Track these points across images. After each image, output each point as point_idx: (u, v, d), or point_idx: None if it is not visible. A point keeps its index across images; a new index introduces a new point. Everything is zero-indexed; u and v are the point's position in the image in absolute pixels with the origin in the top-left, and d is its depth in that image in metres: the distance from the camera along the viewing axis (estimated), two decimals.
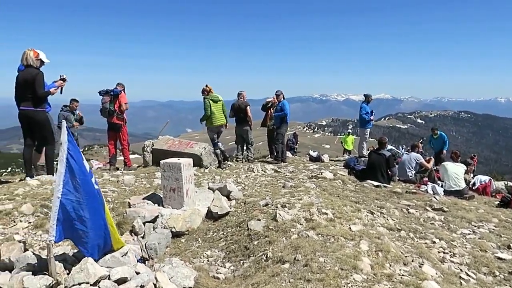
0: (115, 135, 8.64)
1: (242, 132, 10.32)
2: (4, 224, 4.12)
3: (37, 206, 4.50)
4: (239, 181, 6.81)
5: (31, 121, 5.88)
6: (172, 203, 5.04)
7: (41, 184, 5.54)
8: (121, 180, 6.22)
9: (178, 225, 4.58)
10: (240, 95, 10.21)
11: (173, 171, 5.02)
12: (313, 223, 4.10)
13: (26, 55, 5.74)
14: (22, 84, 5.76)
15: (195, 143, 8.64)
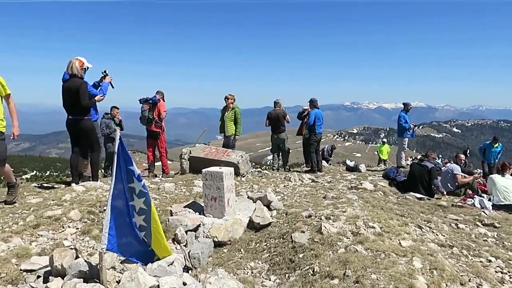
0: (153, 143, 8.84)
1: (278, 141, 10.30)
2: (54, 230, 4.22)
3: (84, 212, 4.59)
4: (278, 191, 6.73)
5: (77, 129, 6.07)
6: (213, 212, 5.03)
7: (86, 190, 5.68)
8: (162, 187, 6.28)
9: (220, 235, 4.55)
10: (277, 104, 10.21)
11: (214, 180, 5.01)
12: (361, 237, 3.96)
13: (72, 65, 5.94)
14: (68, 93, 5.96)
15: (231, 151, 8.65)
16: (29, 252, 3.72)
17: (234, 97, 9.65)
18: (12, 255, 3.63)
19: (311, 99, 10.04)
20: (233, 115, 9.52)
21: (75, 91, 5.86)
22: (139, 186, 3.17)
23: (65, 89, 5.97)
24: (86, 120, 6.04)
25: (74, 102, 5.93)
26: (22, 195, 5.72)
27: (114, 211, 3.17)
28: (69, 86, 5.92)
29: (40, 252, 3.77)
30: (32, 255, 3.68)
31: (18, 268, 3.48)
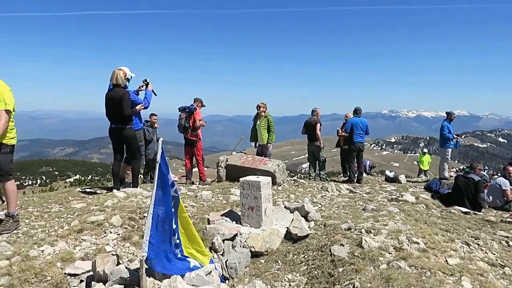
0: (190, 150, 8.98)
1: (314, 149, 10.18)
2: (96, 235, 4.34)
3: (125, 218, 4.69)
4: (315, 201, 6.62)
5: (120, 138, 6.26)
6: (250, 222, 4.99)
7: (127, 196, 5.82)
8: (199, 195, 6.33)
9: (257, 245, 4.51)
10: (314, 112, 10.12)
11: (252, 189, 4.99)
12: (404, 252, 3.80)
13: (116, 75, 6.14)
14: (111, 103, 6.16)
15: (268, 159, 8.62)
16: (73, 256, 3.83)
17: (266, 106, 9.65)
18: (58, 258, 3.75)
19: (355, 108, 9.91)
20: (266, 123, 9.52)
21: (118, 101, 6.05)
22: (172, 192, 3.28)
23: (109, 99, 6.18)
24: (128, 129, 6.22)
25: (117, 112, 6.13)
26: (67, 199, 5.95)
27: (155, 219, 3.22)
28: (112, 96, 6.12)
29: (83, 257, 3.88)
30: (76, 259, 3.79)
31: (62, 272, 3.58)
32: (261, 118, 9.56)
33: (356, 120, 9.76)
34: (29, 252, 3.76)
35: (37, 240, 4.09)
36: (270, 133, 9.53)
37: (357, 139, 9.71)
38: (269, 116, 9.52)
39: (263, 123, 9.55)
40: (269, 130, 9.53)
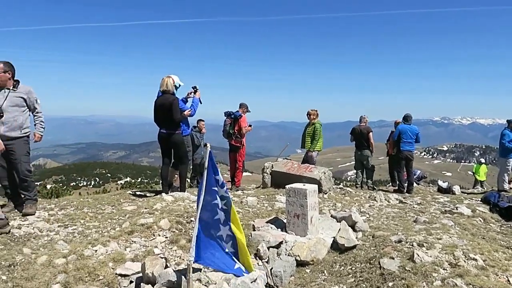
0: (235, 156, 9.08)
1: (362, 157, 9.93)
2: (146, 237, 4.47)
3: (173, 222, 4.80)
4: (363, 211, 6.43)
5: (168, 143, 6.45)
6: (296, 230, 4.93)
7: (175, 200, 5.97)
8: (244, 201, 6.36)
9: (303, 254, 4.43)
10: (362, 119, 9.89)
11: (298, 196, 4.93)
12: (460, 269, 3.57)
13: (165, 82, 6.34)
14: (160, 109, 6.36)
15: (314, 167, 8.50)
16: (124, 257, 3.96)
17: (316, 113, 9.56)
18: (109, 259, 3.90)
19: (405, 115, 9.57)
20: (312, 130, 9.43)
21: (167, 107, 6.24)
22: (221, 192, 3.31)
23: (158, 105, 6.39)
24: (176, 134, 6.40)
25: (166, 117, 6.32)
26: (119, 201, 6.20)
27: (202, 223, 3.26)
28: (162, 102, 6.32)
29: (133, 258, 4.00)
30: (126, 260, 3.92)
31: (113, 272, 3.72)
32: (310, 125, 9.50)
33: (404, 127, 9.41)
34: (83, 251, 3.94)
35: (91, 240, 4.28)
36: (314, 141, 9.40)
37: (404, 147, 9.34)
38: (317, 124, 9.42)
39: (310, 130, 9.48)
40: (313, 138, 9.41)
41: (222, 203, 3.34)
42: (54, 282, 3.44)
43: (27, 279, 3.43)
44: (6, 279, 3.42)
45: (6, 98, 4.94)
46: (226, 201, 3.35)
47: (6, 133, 4.91)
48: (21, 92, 5.06)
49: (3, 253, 3.86)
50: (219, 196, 3.31)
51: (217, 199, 3.30)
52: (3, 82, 4.95)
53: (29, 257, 3.85)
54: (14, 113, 4.98)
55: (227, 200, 3.36)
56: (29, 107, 5.18)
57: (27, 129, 5.15)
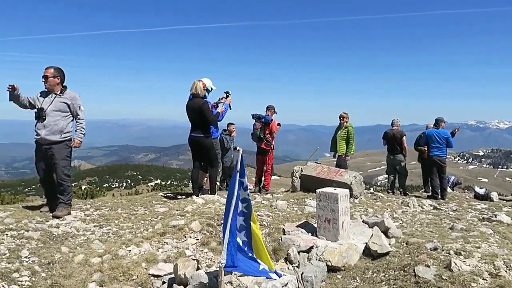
0: (262, 159, 9.09)
1: (395, 162, 9.71)
2: (177, 239, 4.53)
3: (203, 224, 4.85)
4: (395, 217, 6.27)
5: (199, 146, 6.53)
6: (327, 235, 4.86)
7: (205, 203, 6.03)
8: (274, 205, 6.34)
9: (334, 259, 4.37)
10: (395, 123, 9.68)
11: (329, 201, 4.86)
12: (501, 280, 3.42)
13: (196, 86, 6.42)
14: (190, 112, 6.45)
15: (344, 171, 8.38)
16: (156, 258, 4.03)
17: (348, 116, 9.45)
18: (143, 259, 3.98)
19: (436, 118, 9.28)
20: (346, 134, 9.31)
21: (197, 111, 6.32)
22: (244, 194, 3.31)
23: (188, 109, 6.49)
24: (206, 137, 6.48)
25: (196, 121, 6.40)
26: (151, 203, 6.33)
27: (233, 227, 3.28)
28: (191, 106, 6.42)
29: (165, 259, 4.07)
30: (159, 261, 3.99)
31: (146, 272, 3.80)
32: (342, 128, 9.38)
33: (431, 132, 9.13)
34: (118, 251, 4.04)
35: (125, 240, 4.39)
36: (348, 144, 9.29)
37: (433, 153, 9.06)
38: (349, 127, 9.30)
39: (343, 134, 9.37)
40: (348, 142, 9.30)
41: (242, 205, 3.34)
42: (90, 280, 3.54)
43: (65, 276, 3.56)
44: (45, 276, 3.55)
45: (52, 103, 5.15)
46: (247, 204, 3.36)
47: (47, 136, 5.10)
48: (66, 98, 5.26)
49: (43, 251, 4.02)
50: (241, 200, 3.31)
51: (238, 202, 3.31)
52: (52, 86, 5.17)
53: (66, 255, 3.99)
54: (56, 117, 5.17)
55: (248, 203, 3.36)
56: (72, 113, 5.35)
57: (68, 134, 5.31)
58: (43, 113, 5.09)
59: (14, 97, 5.05)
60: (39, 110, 5.13)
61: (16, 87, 4.99)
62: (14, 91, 4.99)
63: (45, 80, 5.19)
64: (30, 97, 5.22)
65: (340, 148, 9.38)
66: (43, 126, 5.11)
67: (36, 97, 5.26)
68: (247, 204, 3.36)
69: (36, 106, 5.19)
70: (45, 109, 5.11)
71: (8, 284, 3.30)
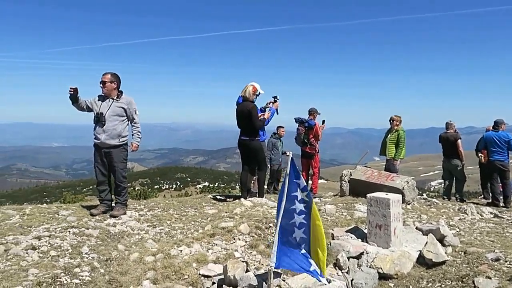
0: (307, 162, 9.05)
1: (451, 167, 9.26)
2: (226, 240, 4.60)
3: (252, 227, 4.89)
4: (452, 224, 5.96)
5: (248, 149, 6.60)
6: (378, 241, 4.72)
7: (253, 206, 6.08)
8: (323, 209, 6.26)
9: (385, 267, 4.23)
10: (449, 126, 9.23)
11: (380, 206, 4.72)
12: None
13: (246, 89, 6.50)
14: (240, 116, 6.53)
15: (396, 175, 8.09)
16: (207, 259, 4.12)
17: (400, 119, 9.13)
18: (193, 259, 4.07)
19: (495, 120, 8.72)
20: (396, 137, 9.00)
21: (246, 114, 6.40)
22: (302, 195, 3.28)
23: (238, 112, 6.58)
24: (255, 141, 6.54)
25: (245, 124, 6.48)
26: (201, 205, 6.48)
27: (281, 230, 3.28)
28: (241, 109, 6.50)
29: (215, 260, 4.14)
30: (208, 261, 4.07)
31: (197, 272, 3.88)
32: (392, 131, 9.10)
33: (489, 135, 8.57)
34: (170, 251, 4.18)
35: (176, 240, 4.52)
36: (398, 148, 8.99)
37: (493, 157, 8.50)
38: (400, 131, 8.99)
39: (393, 137, 9.08)
40: (397, 146, 9.00)
41: (302, 206, 3.31)
42: (145, 278, 3.68)
43: (121, 273, 3.73)
44: (103, 272, 3.75)
45: (110, 108, 5.39)
46: (306, 204, 3.32)
47: (106, 140, 5.36)
48: (123, 102, 5.48)
49: (101, 248, 4.25)
50: (298, 200, 3.29)
51: (295, 204, 3.29)
52: (109, 91, 5.42)
53: (123, 253, 4.18)
54: (114, 122, 5.39)
55: (308, 203, 3.32)
56: (128, 117, 5.56)
57: (125, 138, 5.55)
58: (103, 117, 5.32)
59: (74, 99, 5.34)
60: (98, 114, 5.34)
61: (77, 90, 5.29)
62: (75, 93, 5.29)
63: (103, 86, 5.39)
64: (87, 100, 5.47)
65: (389, 152, 9.11)
66: (102, 130, 5.34)
67: (93, 101, 5.48)
68: (306, 205, 3.31)
69: (94, 110, 5.42)
70: (104, 113, 5.35)
71: (71, 278, 3.52)
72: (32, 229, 4.59)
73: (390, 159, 9.10)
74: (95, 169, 5.59)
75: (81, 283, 3.48)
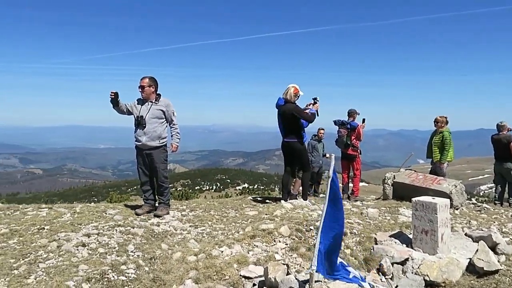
0: (348, 164, 8.88)
1: (502, 170, 8.75)
2: (267, 242, 4.60)
3: (292, 229, 4.86)
4: (505, 231, 5.63)
5: (292, 151, 6.57)
6: (424, 247, 4.54)
7: (294, 208, 6.05)
8: (365, 212, 6.12)
9: (432, 274, 4.06)
10: (501, 127, 8.75)
11: (426, 211, 4.54)
12: None
13: (288, 91, 6.48)
14: (283, 118, 6.50)
15: (443, 179, 7.76)
16: (247, 260, 4.14)
17: (445, 120, 8.75)
18: (234, 260, 4.11)
19: None
20: (440, 139, 8.63)
21: (289, 116, 6.37)
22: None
23: (281, 114, 6.55)
24: (299, 142, 6.50)
25: (289, 126, 6.45)
26: (241, 206, 6.53)
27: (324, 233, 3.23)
28: (284, 111, 6.48)
29: (255, 262, 4.15)
30: (249, 263, 4.09)
31: (238, 273, 3.91)
32: (437, 133, 8.75)
33: None
34: (211, 251, 4.24)
35: (217, 241, 4.59)
36: (444, 151, 8.62)
37: None
38: (445, 132, 8.62)
39: (437, 139, 8.73)
40: (442, 148, 8.63)
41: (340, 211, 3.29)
42: (187, 277, 3.76)
43: (165, 272, 3.83)
44: (148, 270, 3.87)
45: (149, 110, 5.58)
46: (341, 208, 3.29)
47: (147, 142, 5.54)
48: (161, 105, 5.65)
49: (146, 247, 4.38)
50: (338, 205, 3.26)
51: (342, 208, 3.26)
52: (148, 95, 5.61)
53: (166, 252, 4.30)
54: (154, 124, 5.58)
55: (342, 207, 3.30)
56: (167, 119, 5.73)
57: (165, 140, 5.72)
58: (143, 120, 5.51)
59: (115, 103, 5.56)
60: (139, 118, 5.53)
61: (117, 94, 5.51)
62: (116, 97, 5.51)
63: (141, 90, 5.56)
64: (127, 104, 5.67)
65: (434, 155, 8.78)
66: (143, 133, 5.54)
67: (133, 104, 5.68)
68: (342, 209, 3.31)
69: (134, 114, 5.62)
70: (144, 116, 5.54)
71: (118, 275, 3.66)
72: (82, 227, 4.82)
73: (436, 162, 8.75)
74: (138, 170, 5.81)
75: (127, 280, 3.61)
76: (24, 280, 3.41)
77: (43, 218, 5.16)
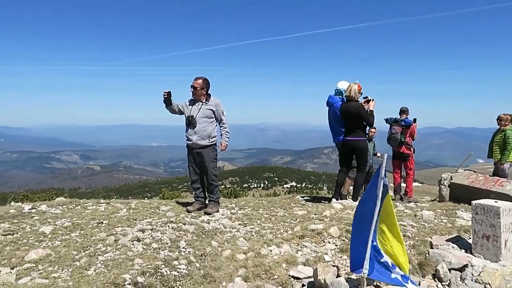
0: (400, 164, 8.57)
1: None
2: (316, 243, 4.55)
3: (342, 230, 4.76)
4: None
5: (353, 150, 6.44)
6: (485, 253, 4.27)
7: (343, 208, 5.92)
8: (419, 215, 5.86)
9: (495, 283, 3.80)
10: None
11: (488, 215, 4.26)
12: None
13: (351, 88, 6.35)
14: (346, 116, 6.35)
15: (506, 180, 7.24)
16: (296, 260, 4.11)
17: (509, 118, 8.17)
18: (283, 260, 4.10)
19: None
20: (502, 138, 8.08)
21: (353, 114, 6.22)
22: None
23: (344, 112, 6.39)
24: (362, 141, 6.37)
25: (352, 125, 6.31)
26: (290, 205, 6.51)
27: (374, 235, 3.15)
28: (347, 109, 6.33)
29: (304, 262, 4.11)
30: (298, 263, 4.06)
31: (287, 273, 3.89)
32: (499, 132, 8.20)
33: None
34: (260, 250, 4.26)
35: (266, 240, 4.60)
36: (506, 150, 8.07)
37: None
38: (508, 131, 8.05)
39: (498, 138, 8.19)
40: (504, 147, 8.08)
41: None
42: (236, 275, 3.81)
43: (215, 269, 3.90)
44: (199, 266, 3.96)
45: (199, 110, 5.72)
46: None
47: (198, 141, 5.69)
48: (211, 104, 5.78)
49: (197, 244, 4.49)
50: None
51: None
52: (198, 96, 5.75)
53: (216, 249, 4.38)
54: (204, 123, 5.72)
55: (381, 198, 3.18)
56: (217, 118, 5.85)
57: (214, 139, 5.84)
58: (194, 120, 5.67)
59: (168, 102, 5.75)
60: (190, 117, 5.70)
61: (170, 94, 5.69)
62: (169, 97, 5.69)
63: (193, 90, 5.72)
64: (179, 104, 5.86)
65: (495, 154, 8.25)
66: (194, 132, 5.70)
67: (185, 104, 5.85)
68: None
69: (185, 114, 5.79)
70: (194, 116, 5.68)
71: (170, 270, 3.78)
72: (137, 222, 5.04)
73: (496, 162, 8.21)
74: (189, 169, 5.98)
75: (179, 276, 3.71)
76: (85, 271, 3.62)
77: (101, 213, 5.46)
